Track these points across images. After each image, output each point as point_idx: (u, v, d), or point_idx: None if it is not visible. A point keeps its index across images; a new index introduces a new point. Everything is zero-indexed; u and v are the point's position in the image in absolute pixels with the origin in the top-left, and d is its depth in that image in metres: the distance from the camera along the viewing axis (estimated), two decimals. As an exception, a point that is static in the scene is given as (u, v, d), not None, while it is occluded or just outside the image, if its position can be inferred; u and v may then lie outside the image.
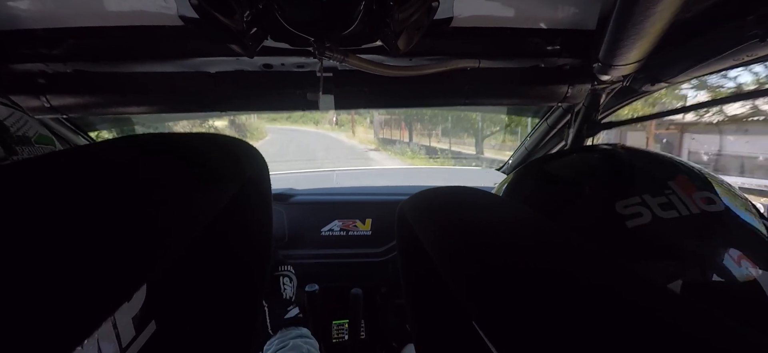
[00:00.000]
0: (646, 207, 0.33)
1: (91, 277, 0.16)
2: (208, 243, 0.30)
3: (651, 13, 0.48)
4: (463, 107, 0.93)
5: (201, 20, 0.55)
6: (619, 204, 0.35)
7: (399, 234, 0.38)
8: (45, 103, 0.73)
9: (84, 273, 0.16)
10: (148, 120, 1.28)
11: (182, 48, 0.67)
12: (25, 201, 0.16)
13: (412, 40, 0.62)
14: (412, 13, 0.55)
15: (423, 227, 0.31)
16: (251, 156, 0.35)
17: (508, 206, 0.31)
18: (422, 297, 0.39)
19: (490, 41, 0.72)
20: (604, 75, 0.70)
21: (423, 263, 0.35)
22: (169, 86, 0.78)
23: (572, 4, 0.64)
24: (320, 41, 0.62)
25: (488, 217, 0.28)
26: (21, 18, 0.59)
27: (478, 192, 0.33)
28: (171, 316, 0.28)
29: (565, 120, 1.10)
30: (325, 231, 1.26)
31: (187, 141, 0.28)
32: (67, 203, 0.17)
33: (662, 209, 0.33)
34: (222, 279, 0.34)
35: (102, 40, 0.63)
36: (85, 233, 0.16)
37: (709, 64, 0.65)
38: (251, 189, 0.34)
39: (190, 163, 0.26)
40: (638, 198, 0.34)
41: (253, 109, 0.88)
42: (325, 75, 0.76)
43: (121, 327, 0.22)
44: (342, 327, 1.25)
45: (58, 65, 0.68)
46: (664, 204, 0.33)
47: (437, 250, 0.27)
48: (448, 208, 0.31)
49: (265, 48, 0.66)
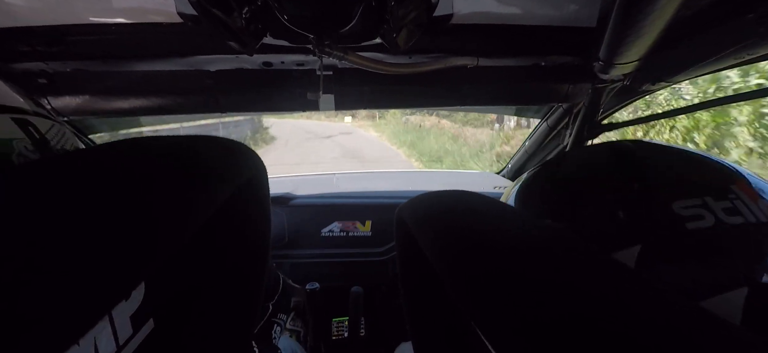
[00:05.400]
0: (708, 210, 0.32)
1: (86, 275, 0.16)
2: (205, 243, 0.31)
3: (651, 11, 0.48)
4: (465, 107, 0.93)
5: (200, 17, 0.55)
6: (678, 205, 0.33)
7: (398, 237, 0.39)
8: (46, 105, 0.73)
9: (79, 270, 0.16)
10: (148, 121, 1.28)
11: (181, 46, 0.67)
12: (24, 202, 0.16)
13: (412, 38, 0.62)
14: (412, 10, 0.55)
15: (421, 231, 0.31)
16: (249, 158, 0.35)
17: (506, 209, 0.31)
18: (420, 299, 0.39)
19: (490, 38, 0.72)
20: (605, 74, 0.70)
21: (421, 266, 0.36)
22: (167, 85, 0.78)
23: (572, 1, 0.64)
24: (320, 39, 0.62)
25: (486, 221, 0.28)
26: (19, 15, 0.59)
27: (476, 196, 0.33)
28: (169, 315, 0.28)
29: (566, 120, 1.10)
30: (325, 232, 1.27)
31: (184, 143, 0.29)
32: (65, 203, 0.17)
33: (727, 213, 0.32)
34: (219, 278, 0.34)
35: (101, 37, 0.63)
36: (81, 231, 0.17)
37: (710, 62, 0.65)
38: (248, 190, 0.35)
39: (186, 163, 0.26)
40: (699, 200, 0.33)
41: (253, 109, 0.87)
42: (325, 74, 0.76)
43: (119, 325, 0.22)
44: (342, 325, 1.26)
45: (57, 64, 0.68)
46: (729, 209, 0.32)
47: (436, 254, 0.27)
48: (446, 212, 0.31)
49: (265, 46, 0.66)
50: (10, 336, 0.13)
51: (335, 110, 0.90)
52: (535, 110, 1.24)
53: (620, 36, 0.55)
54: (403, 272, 0.40)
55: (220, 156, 0.31)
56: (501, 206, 0.31)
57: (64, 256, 0.15)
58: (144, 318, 0.25)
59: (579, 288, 0.19)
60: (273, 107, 0.86)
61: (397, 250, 0.40)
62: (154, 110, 0.80)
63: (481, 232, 0.26)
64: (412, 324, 0.40)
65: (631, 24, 0.51)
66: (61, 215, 0.16)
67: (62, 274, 0.15)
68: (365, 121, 18.67)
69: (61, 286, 0.15)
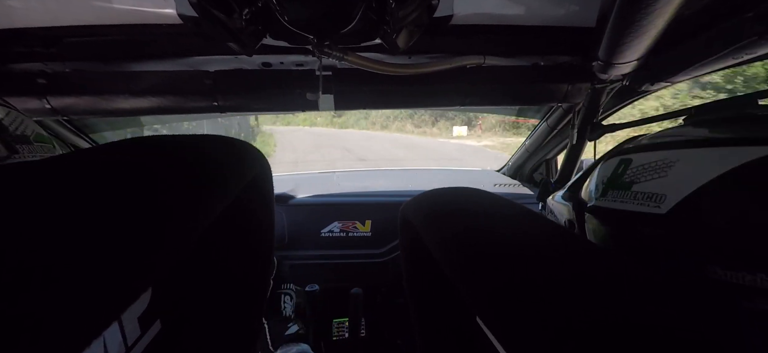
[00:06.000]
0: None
1: (98, 279, 0.16)
2: (211, 242, 0.31)
3: (650, 11, 0.48)
4: (464, 107, 0.93)
5: (200, 19, 0.55)
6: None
7: (402, 235, 0.39)
8: (46, 104, 0.73)
9: (91, 275, 0.16)
10: (148, 121, 1.28)
11: (181, 46, 0.67)
12: (35, 205, 0.16)
13: (412, 38, 0.62)
14: (412, 10, 0.55)
15: (427, 229, 0.31)
16: (254, 157, 0.35)
17: (513, 207, 0.31)
18: (426, 297, 0.39)
19: (489, 39, 0.72)
20: (604, 74, 0.70)
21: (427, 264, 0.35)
22: (167, 85, 0.78)
23: (572, 1, 0.64)
24: (320, 39, 0.62)
25: (495, 219, 0.28)
26: (19, 16, 0.59)
27: (480, 193, 0.33)
28: (176, 315, 0.28)
29: (566, 120, 1.10)
30: (325, 233, 1.27)
31: (191, 143, 0.29)
32: (75, 207, 0.17)
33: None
34: (225, 276, 0.34)
35: (101, 38, 0.63)
36: (93, 236, 0.17)
37: (709, 63, 0.65)
38: (254, 189, 0.35)
39: (194, 164, 0.26)
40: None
41: (253, 109, 0.87)
42: (324, 74, 0.76)
43: (127, 327, 0.22)
44: (342, 325, 1.26)
45: (57, 65, 0.68)
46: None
47: (444, 252, 0.27)
48: (453, 210, 0.31)
49: (264, 46, 0.66)
50: (23, 342, 0.13)
51: (335, 110, 0.91)
52: (535, 109, 1.24)
53: (620, 36, 0.55)
54: (409, 270, 0.39)
55: (227, 156, 0.31)
56: (507, 204, 0.31)
57: (76, 261, 0.15)
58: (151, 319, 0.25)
59: (588, 285, 0.19)
60: (272, 107, 0.86)
61: (402, 248, 0.40)
62: (154, 110, 0.80)
63: (489, 229, 0.26)
64: (418, 322, 0.40)
65: (631, 24, 0.51)
66: (72, 218, 0.16)
67: (76, 279, 0.15)
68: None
69: (74, 291, 0.15)
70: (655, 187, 0.37)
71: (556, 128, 1.17)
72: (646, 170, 0.39)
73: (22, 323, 0.13)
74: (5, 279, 0.13)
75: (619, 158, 0.45)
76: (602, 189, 0.45)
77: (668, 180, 0.36)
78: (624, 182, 0.42)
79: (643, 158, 0.41)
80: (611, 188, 0.44)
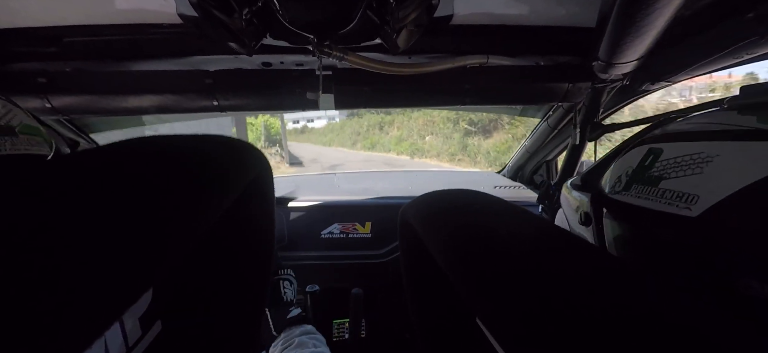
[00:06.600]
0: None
1: (100, 281, 0.16)
2: (211, 242, 0.31)
3: (651, 11, 0.48)
4: (464, 107, 0.93)
5: (200, 18, 0.55)
6: None
7: (402, 237, 0.39)
8: (46, 104, 0.73)
9: (93, 276, 0.16)
10: (148, 120, 1.28)
11: (181, 46, 0.67)
12: (37, 206, 0.16)
13: (412, 38, 0.62)
14: (412, 10, 0.55)
15: (426, 231, 0.31)
16: (255, 157, 0.35)
17: (512, 208, 0.31)
18: (426, 298, 0.39)
19: (490, 39, 0.72)
20: (604, 73, 0.70)
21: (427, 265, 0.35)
22: (167, 85, 0.78)
23: (572, 1, 0.64)
24: (320, 39, 0.62)
25: (493, 219, 0.28)
26: (19, 16, 0.59)
27: (479, 195, 0.33)
28: (176, 316, 0.28)
29: (566, 120, 1.10)
30: (325, 234, 1.27)
31: (192, 143, 0.28)
32: (76, 208, 0.17)
33: None
34: (225, 278, 0.34)
35: (101, 37, 0.64)
36: (94, 237, 0.17)
37: (709, 62, 0.65)
38: (254, 190, 0.34)
39: (195, 165, 0.26)
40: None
41: (253, 108, 0.87)
42: (324, 74, 0.76)
43: (128, 327, 0.22)
44: (343, 326, 1.26)
45: (57, 64, 0.68)
46: None
47: (444, 253, 0.27)
48: (452, 211, 0.31)
49: (264, 46, 0.66)
50: (23, 342, 0.13)
51: (335, 110, 0.91)
52: (535, 109, 1.24)
53: (620, 36, 0.55)
54: (408, 272, 0.39)
55: (228, 156, 0.31)
56: (507, 205, 0.31)
57: (77, 261, 0.15)
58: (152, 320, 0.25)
59: (585, 285, 0.19)
60: (272, 106, 0.86)
61: (402, 250, 0.39)
62: (154, 109, 0.80)
63: (489, 230, 0.26)
64: (418, 323, 0.40)
65: (631, 24, 0.51)
66: (73, 218, 0.16)
67: (76, 279, 0.15)
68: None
69: (75, 291, 0.15)
70: (686, 185, 0.33)
71: (557, 128, 1.17)
72: (679, 166, 0.35)
73: (22, 323, 0.13)
74: (6, 279, 0.13)
75: (647, 147, 0.40)
76: (625, 182, 0.41)
77: (703, 179, 0.32)
78: (651, 176, 0.37)
79: (675, 149, 0.36)
80: (636, 181, 0.39)
